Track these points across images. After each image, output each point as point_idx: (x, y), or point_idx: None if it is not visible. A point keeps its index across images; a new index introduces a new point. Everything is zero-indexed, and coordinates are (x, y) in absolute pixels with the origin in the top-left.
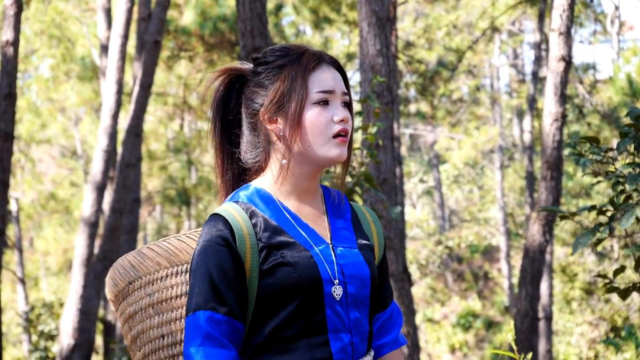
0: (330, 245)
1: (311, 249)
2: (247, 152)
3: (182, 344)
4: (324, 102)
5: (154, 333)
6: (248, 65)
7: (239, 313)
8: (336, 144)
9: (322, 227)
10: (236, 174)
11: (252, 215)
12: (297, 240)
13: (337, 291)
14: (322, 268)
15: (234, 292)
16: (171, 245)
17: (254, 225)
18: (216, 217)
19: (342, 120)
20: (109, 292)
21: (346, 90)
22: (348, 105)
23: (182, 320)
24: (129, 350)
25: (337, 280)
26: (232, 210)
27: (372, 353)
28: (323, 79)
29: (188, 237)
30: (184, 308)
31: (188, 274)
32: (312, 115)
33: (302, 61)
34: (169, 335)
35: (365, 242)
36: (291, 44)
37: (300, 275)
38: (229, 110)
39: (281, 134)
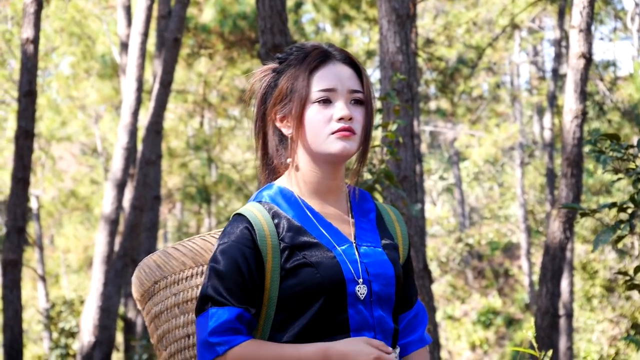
0: (354, 245)
1: (334, 249)
2: (271, 149)
3: None
4: (326, 101)
5: (180, 333)
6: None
7: (253, 311)
8: (337, 138)
9: (346, 226)
10: (271, 172)
11: (274, 215)
12: (319, 240)
13: (362, 290)
14: (345, 268)
15: (251, 291)
16: (196, 245)
17: (277, 226)
18: (238, 216)
19: (341, 118)
20: (135, 291)
21: (357, 88)
22: (362, 102)
23: None
24: (155, 349)
25: (361, 279)
26: (255, 210)
27: (397, 350)
28: (325, 77)
29: (212, 237)
30: None
31: None
32: (311, 114)
33: (306, 59)
34: (194, 335)
35: (390, 241)
36: (309, 42)
37: (323, 276)
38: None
39: (290, 133)
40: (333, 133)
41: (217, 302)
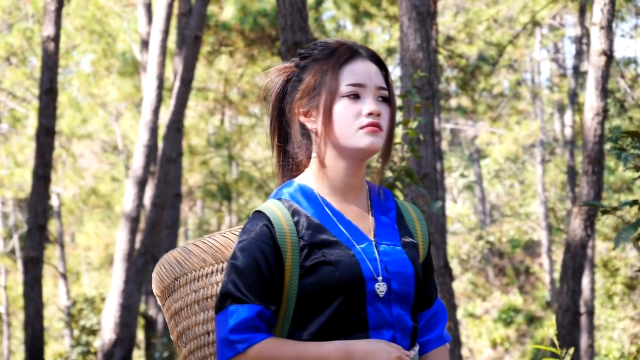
0: (374, 243)
1: (353, 247)
2: (292, 146)
3: None
4: (354, 96)
5: (200, 329)
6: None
7: (273, 309)
8: (365, 133)
9: (366, 224)
10: (292, 169)
11: (294, 213)
12: (339, 238)
13: (381, 288)
14: (364, 266)
15: (271, 288)
16: (216, 242)
17: (296, 223)
18: (258, 214)
19: (370, 114)
20: (155, 287)
21: (383, 85)
22: (387, 100)
23: None
24: (175, 345)
25: (380, 277)
26: (275, 207)
27: (416, 348)
28: (354, 72)
29: (233, 234)
30: None
31: None
32: (340, 108)
33: (334, 54)
34: (214, 332)
35: (410, 240)
36: (334, 39)
37: (342, 274)
38: (284, 107)
39: (314, 128)
40: (362, 128)
41: (237, 299)
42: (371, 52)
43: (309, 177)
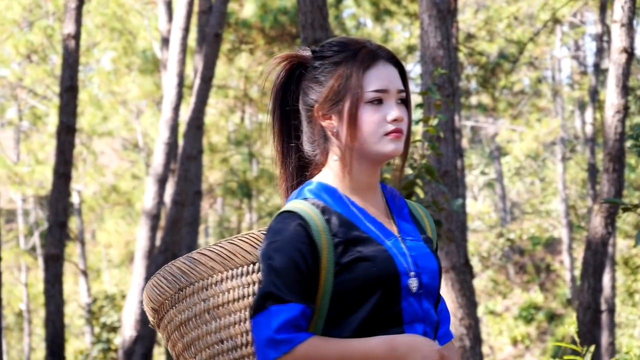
0: (400, 238)
1: (384, 242)
2: (306, 144)
3: (243, 348)
4: (378, 101)
5: (212, 338)
6: (308, 53)
7: (313, 307)
8: (390, 140)
9: (387, 221)
10: (297, 166)
11: (324, 211)
12: (369, 234)
13: (414, 283)
14: (398, 261)
15: (310, 287)
16: (224, 249)
17: (328, 221)
18: (289, 214)
19: (395, 120)
20: (151, 300)
21: (402, 87)
22: (405, 101)
23: (242, 323)
24: (176, 359)
25: (412, 272)
26: (305, 207)
27: (436, 342)
28: (378, 77)
29: (241, 240)
30: (242, 311)
31: (244, 276)
32: (365, 115)
33: (357, 59)
34: (229, 339)
35: (426, 235)
36: (349, 38)
37: (380, 269)
38: (288, 98)
39: (335, 131)
40: (387, 134)
41: (279, 299)
42: (390, 53)
43: (328, 177)
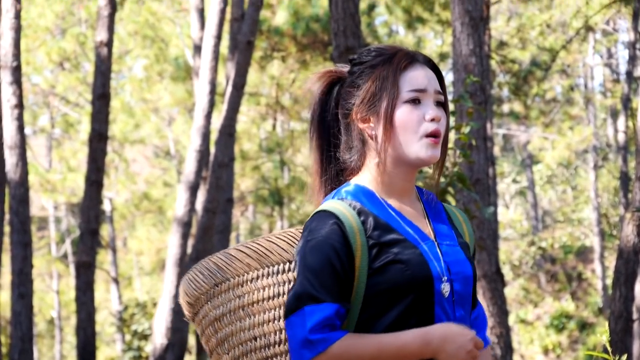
0: (436, 243)
1: (419, 245)
2: (344, 152)
3: (276, 346)
4: (416, 101)
5: (246, 335)
6: (345, 68)
7: (348, 307)
8: (428, 145)
9: (424, 224)
10: (333, 174)
11: (360, 212)
12: (405, 237)
13: (446, 288)
14: (432, 265)
15: (345, 287)
16: (261, 246)
17: (363, 223)
18: (325, 213)
19: (433, 119)
20: (187, 294)
21: (440, 90)
22: (443, 105)
23: (275, 321)
24: (210, 354)
25: (445, 277)
26: (341, 207)
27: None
28: (415, 77)
29: (278, 237)
30: (277, 309)
31: (280, 274)
32: (403, 114)
33: (394, 60)
34: (262, 337)
35: (463, 240)
36: (387, 45)
37: (413, 272)
38: (327, 112)
39: (373, 133)
40: (427, 136)
41: (314, 298)
42: (427, 57)
43: (365, 180)
